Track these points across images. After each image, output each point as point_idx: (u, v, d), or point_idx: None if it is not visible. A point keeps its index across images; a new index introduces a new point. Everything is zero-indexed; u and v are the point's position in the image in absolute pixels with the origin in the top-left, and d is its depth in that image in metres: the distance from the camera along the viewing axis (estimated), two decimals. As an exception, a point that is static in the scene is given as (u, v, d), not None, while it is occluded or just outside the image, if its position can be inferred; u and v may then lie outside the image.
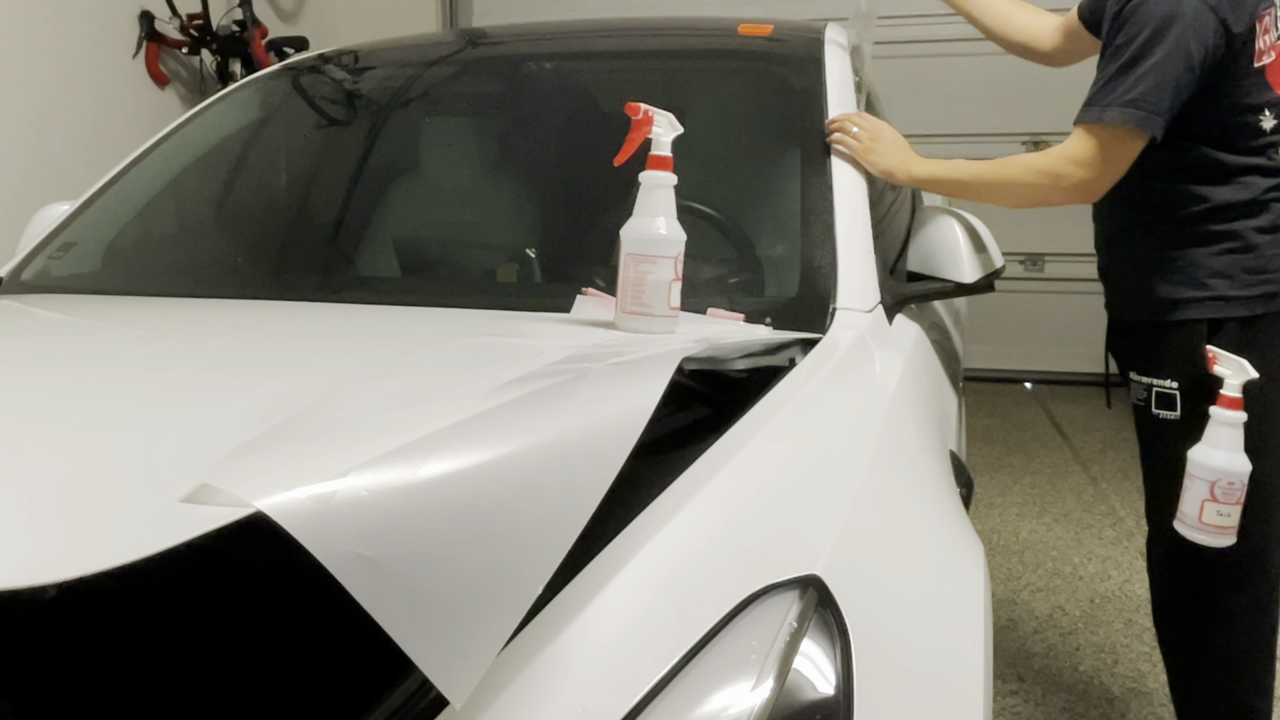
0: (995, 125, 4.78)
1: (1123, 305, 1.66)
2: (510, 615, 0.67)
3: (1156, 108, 1.41)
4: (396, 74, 2.10)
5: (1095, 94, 1.47)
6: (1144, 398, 1.61)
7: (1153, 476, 1.67)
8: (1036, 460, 3.88)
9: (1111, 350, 1.75)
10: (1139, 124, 1.42)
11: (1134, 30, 1.42)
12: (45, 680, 0.71)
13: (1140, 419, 1.64)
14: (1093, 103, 1.47)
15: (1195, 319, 1.52)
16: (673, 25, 2.33)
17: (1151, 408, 1.59)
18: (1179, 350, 1.54)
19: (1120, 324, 1.69)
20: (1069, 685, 2.28)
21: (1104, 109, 1.44)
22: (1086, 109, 1.47)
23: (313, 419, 0.78)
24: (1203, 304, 1.52)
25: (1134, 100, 1.41)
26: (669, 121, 1.16)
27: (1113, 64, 1.45)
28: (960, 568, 0.99)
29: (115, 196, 1.92)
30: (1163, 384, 1.57)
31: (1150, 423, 1.61)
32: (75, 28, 3.57)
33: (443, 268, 1.69)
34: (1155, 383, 1.58)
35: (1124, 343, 1.67)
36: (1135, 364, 1.62)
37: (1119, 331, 1.69)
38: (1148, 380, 1.59)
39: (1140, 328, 1.61)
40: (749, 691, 0.69)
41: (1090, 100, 1.48)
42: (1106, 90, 1.45)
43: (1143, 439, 1.67)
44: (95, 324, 1.39)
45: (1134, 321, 1.63)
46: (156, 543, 0.61)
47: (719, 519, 0.85)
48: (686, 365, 0.99)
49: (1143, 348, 1.61)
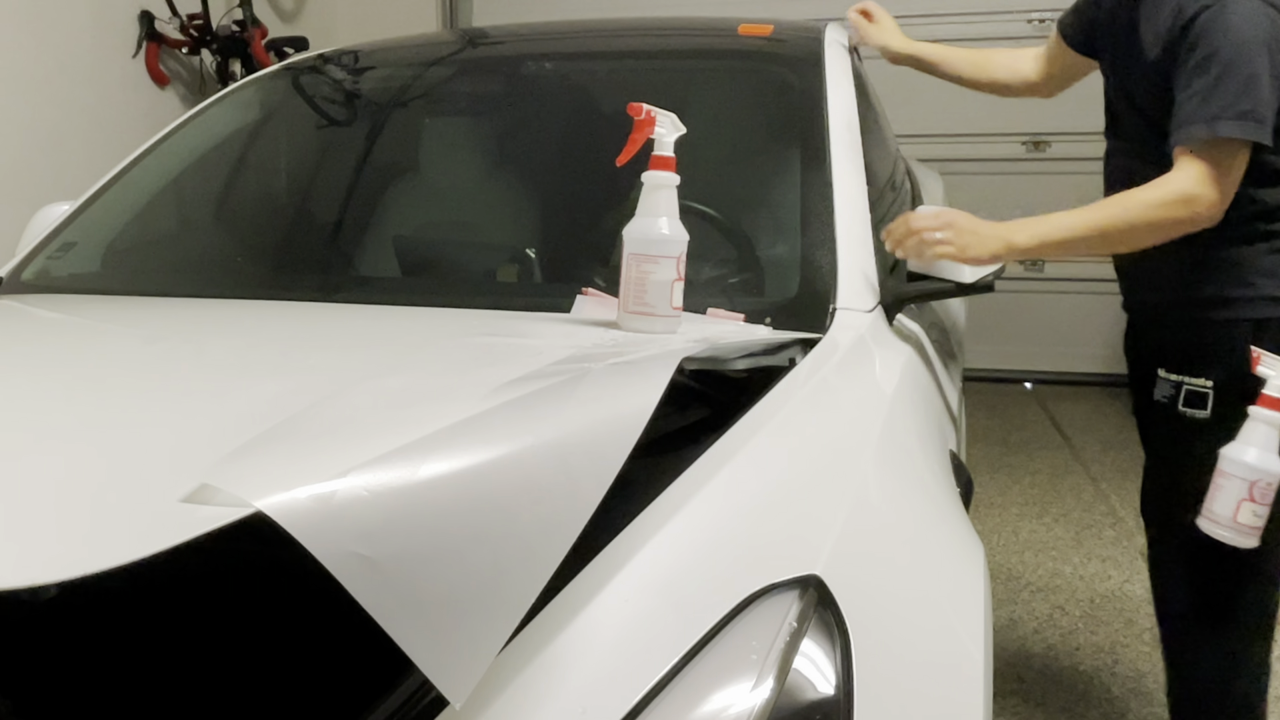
0: (995, 125, 4.77)
1: (1156, 301, 1.62)
2: (510, 615, 0.67)
3: (1262, 115, 1.37)
4: (396, 74, 2.10)
5: (1193, 111, 1.40)
6: (1170, 395, 1.57)
7: (1168, 474, 1.64)
8: (1036, 460, 3.88)
9: (1132, 347, 1.71)
10: (1253, 135, 1.38)
11: (1216, 41, 1.37)
12: (45, 680, 0.71)
13: (1162, 416, 1.60)
14: (1194, 120, 1.40)
15: (1240, 318, 1.51)
16: (673, 25, 2.33)
17: (1178, 405, 1.55)
18: (1220, 348, 1.51)
19: (1147, 320, 1.66)
20: (1069, 685, 2.28)
21: (1213, 124, 1.38)
22: (1190, 128, 1.40)
23: (313, 419, 0.78)
24: (1251, 303, 1.50)
25: (1243, 112, 1.37)
26: (672, 122, 1.16)
27: (1201, 77, 1.39)
28: (960, 568, 0.99)
29: (115, 196, 1.92)
30: (1195, 382, 1.53)
31: (1174, 420, 1.57)
32: (75, 28, 3.57)
33: (443, 268, 1.69)
34: (1187, 380, 1.54)
35: (1151, 339, 1.64)
36: (1165, 361, 1.58)
37: (1145, 328, 1.66)
38: (1177, 377, 1.55)
39: (1175, 324, 1.58)
40: (749, 691, 0.69)
41: (1190, 118, 1.40)
42: (1206, 105, 1.38)
43: (1161, 436, 1.64)
44: (95, 324, 1.39)
45: (1168, 318, 1.59)
46: (156, 543, 0.61)
47: (719, 519, 0.85)
48: (686, 365, 0.99)
49: (1177, 344, 1.57)
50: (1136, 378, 1.73)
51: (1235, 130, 1.38)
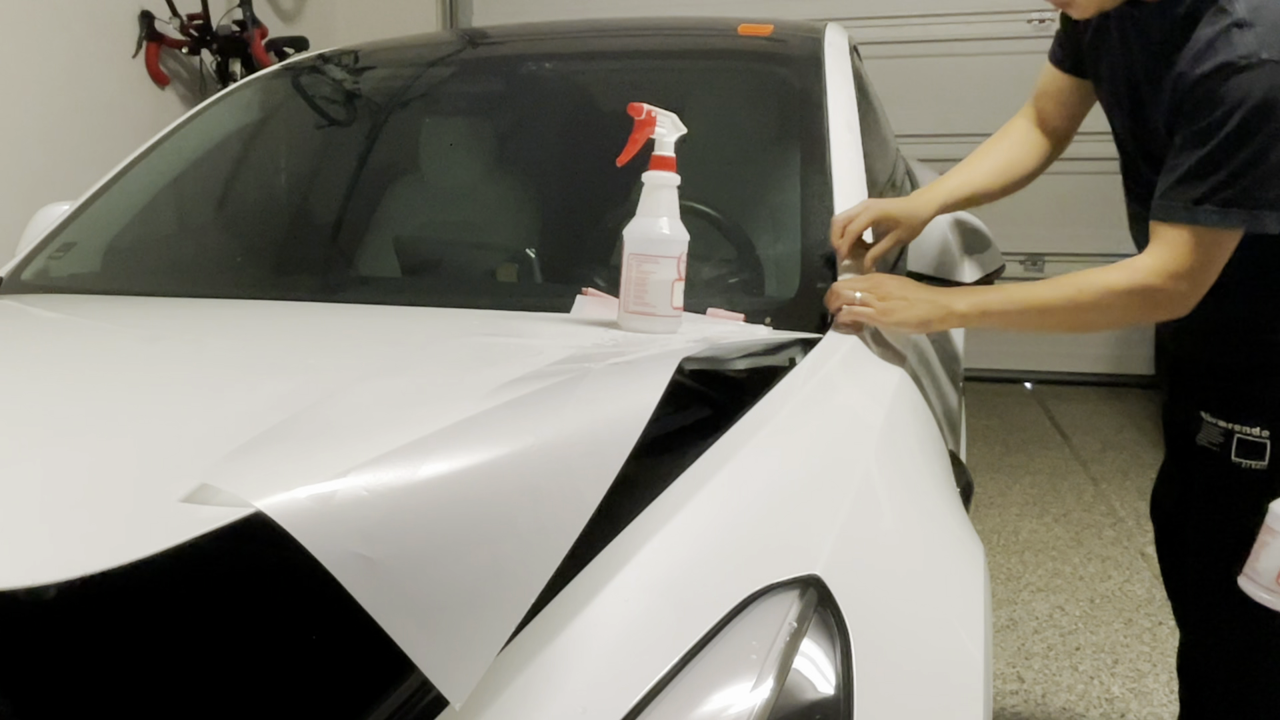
0: (995, 125, 4.77)
1: (1205, 345, 1.46)
2: (510, 615, 0.67)
3: (1261, 201, 1.18)
4: (396, 74, 2.10)
5: (1180, 185, 1.21)
6: (1219, 442, 1.41)
7: (1214, 525, 1.46)
8: (1036, 460, 3.88)
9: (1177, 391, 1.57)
10: (1238, 225, 1.20)
11: (1227, 109, 1.16)
12: (45, 680, 0.71)
13: (1210, 463, 1.44)
14: (1175, 196, 1.22)
15: None
16: (673, 25, 2.33)
17: (1231, 455, 1.40)
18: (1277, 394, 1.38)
19: (1195, 364, 1.50)
20: (1069, 685, 2.28)
21: (1194, 210, 1.20)
22: (1169, 204, 1.22)
23: (313, 419, 0.78)
24: None
25: (1232, 199, 1.18)
26: (672, 122, 1.16)
27: (1195, 150, 1.19)
28: (960, 568, 0.99)
29: (115, 196, 1.92)
30: (1248, 431, 1.39)
31: (1224, 469, 1.41)
32: (75, 28, 3.57)
33: (443, 268, 1.69)
34: (1238, 429, 1.39)
35: (1199, 383, 1.48)
36: (1210, 406, 1.43)
37: (1194, 372, 1.50)
38: (1226, 425, 1.40)
39: (1227, 370, 1.42)
40: (749, 691, 0.69)
41: (1172, 192, 1.22)
42: (1195, 183, 1.20)
43: (1207, 484, 1.47)
44: (95, 324, 1.39)
45: (1219, 363, 1.44)
46: (156, 543, 0.61)
47: (719, 519, 0.85)
48: (686, 365, 0.99)
49: (1228, 390, 1.42)
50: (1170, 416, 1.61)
51: (1217, 220, 1.20)
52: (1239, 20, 1.16)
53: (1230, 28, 1.16)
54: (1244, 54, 1.15)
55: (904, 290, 1.30)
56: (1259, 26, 1.15)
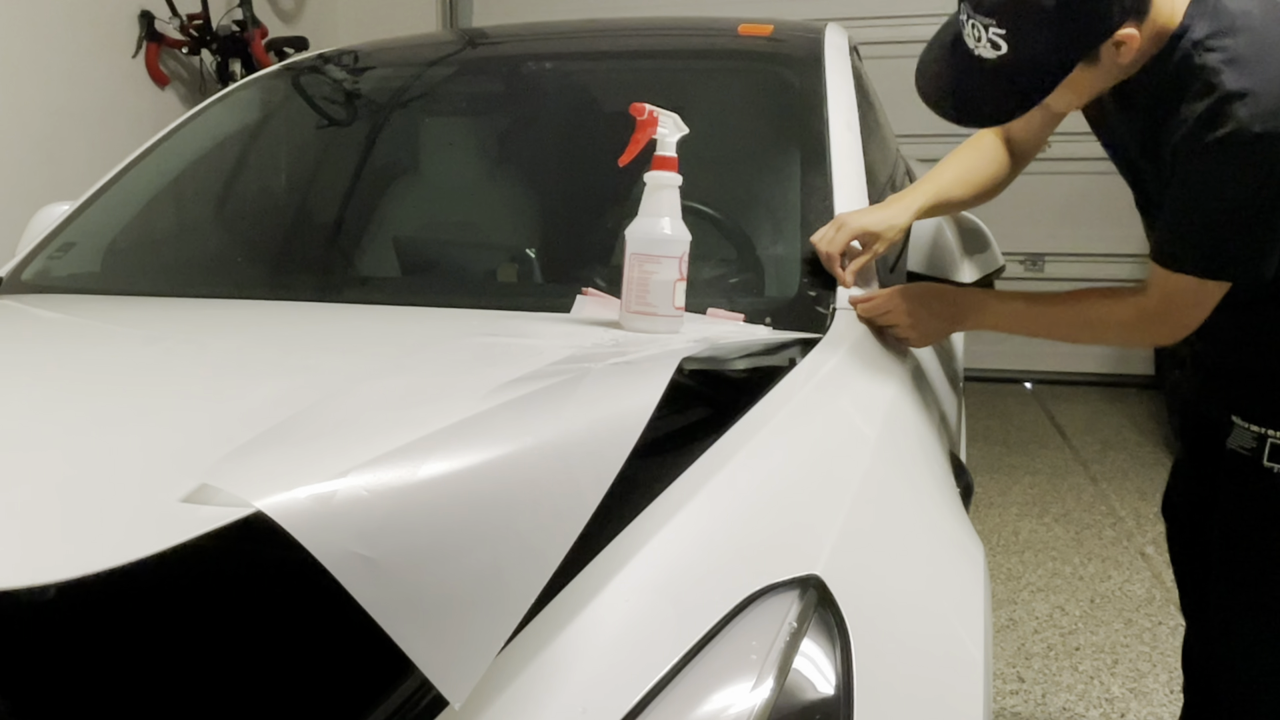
0: (995, 125, 4.77)
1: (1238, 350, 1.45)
2: (510, 615, 0.67)
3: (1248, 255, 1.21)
4: (396, 74, 2.10)
5: (1175, 233, 1.24)
6: (1251, 447, 1.40)
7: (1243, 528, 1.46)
8: (1036, 460, 3.88)
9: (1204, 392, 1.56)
10: (1223, 277, 1.22)
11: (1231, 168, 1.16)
12: (45, 680, 0.71)
13: (1240, 467, 1.42)
14: (1168, 245, 1.25)
15: None
16: (673, 25, 2.33)
17: (1263, 460, 1.39)
18: None
19: (1225, 367, 1.49)
20: (1069, 685, 2.28)
21: (1180, 260, 1.23)
22: (1163, 246, 1.26)
23: (313, 419, 0.78)
24: None
25: (1229, 259, 1.21)
26: (674, 122, 1.16)
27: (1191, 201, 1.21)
28: (960, 568, 0.99)
29: (115, 196, 1.92)
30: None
31: (1256, 473, 1.40)
32: (75, 28, 3.58)
33: (443, 268, 1.69)
34: (1271, 434, 1.38)
35: (1230, 387, 1.47)
36: (1241, 410, 1.42)
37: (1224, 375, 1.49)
38: (1259, 429, 1.39)
39: (1262, 375, 1.41)
40: (749, 691, 0.69)
41: (1167, 240, 1.25)
42: (1187, 234, 1.22)
43: (1236, 488, 1.46)
44: (95, 324, 1.39)
45: (1253, 368, 1.43)
46: (156, 542, 0.61)
47: (719, 519, 0.85)
48: (686, 365, 0.99)
49: (1262, 396, 1.41)
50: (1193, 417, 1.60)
51: (1204, 272, 1.23)
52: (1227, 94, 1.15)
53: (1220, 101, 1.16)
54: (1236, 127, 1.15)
55: (916, 299, 1.35)
56: (1249, 98, 1.14)
